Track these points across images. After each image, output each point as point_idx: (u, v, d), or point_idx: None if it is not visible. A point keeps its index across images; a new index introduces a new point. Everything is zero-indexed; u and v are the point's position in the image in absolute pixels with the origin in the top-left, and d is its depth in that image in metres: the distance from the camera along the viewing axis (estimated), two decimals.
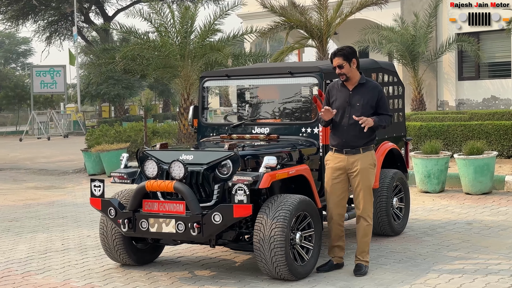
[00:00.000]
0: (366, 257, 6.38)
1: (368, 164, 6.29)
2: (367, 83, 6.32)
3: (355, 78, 6.29)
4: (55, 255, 7.54)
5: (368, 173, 6.29)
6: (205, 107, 7.77)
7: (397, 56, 22.52)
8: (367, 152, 6.31)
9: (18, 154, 22.47)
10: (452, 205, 9.78)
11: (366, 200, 6.30)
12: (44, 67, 36.17)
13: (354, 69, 6.26)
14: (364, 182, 6.27)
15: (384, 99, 6.35)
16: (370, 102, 6.25)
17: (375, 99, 6.27)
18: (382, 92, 6.34)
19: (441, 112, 20.18)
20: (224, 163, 6.22)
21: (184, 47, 15.15)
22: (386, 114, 6.34)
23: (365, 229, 6.34)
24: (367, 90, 6.28)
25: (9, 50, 69.90)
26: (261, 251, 6.01)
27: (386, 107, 6.39)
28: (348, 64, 6.20)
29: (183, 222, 6.01)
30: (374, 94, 6.27)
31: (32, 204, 11.54)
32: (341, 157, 6.30)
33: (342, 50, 6.25)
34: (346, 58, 6.20)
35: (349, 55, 6.21)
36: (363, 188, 6.27)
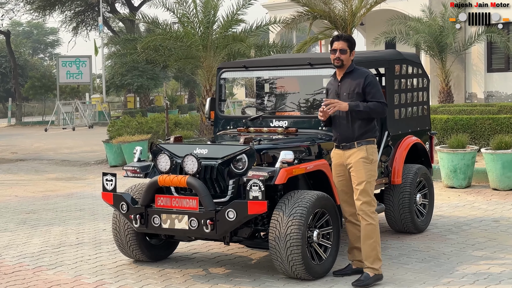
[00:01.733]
0: (375, 263, 5.80)
1: (360, 157, 5.82)
2: (354, 71, 5.92)
3: (346, 67, 5.93)
4: (69, 249, 7.39)
5: (361, 167, 5.81)
6: (222, 99, 7.55)
7: (425, 47, 22.08)
8: (362, 146, 5.84)
9: (42, 144, 22.49)
10: (478, 201, 9.47)
11: (361, 197, 5.82)
12: (70, 57, 36.26)
13: (350, 59, 5.91)
14: (358, 177, 5.82)
15: (373, 85, 5.84)
16: (357, 89, 5.83)
17: (362, 85, 5.82)
18: (370, 78, 5.86)
19: (469, 104, 19.78)
20: (239, 158, 6.01)
21: (206, 37, 14.96)
22: (375, 101, 5.82)
23: (366, 229, 5.80)
24: (354, 78, 5.88)
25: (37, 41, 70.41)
26: (276, 249, 5.79)
27: (376, 94, 5.83)
28: (349, 52, 5.87)
29: (196, 219, 5.81)
30: (360, 80, 5.84)
31: (51, 196, 11.44)
32: (340, 152, 5.98)
33: (349, 37, 5.95)
34: (350, 46, 5.88)
35: (353, 45, 5.90)
36: (358, 184, 5.82)
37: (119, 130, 15.96)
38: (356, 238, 6.08)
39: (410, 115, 7.84)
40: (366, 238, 5.82)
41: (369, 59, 7.48)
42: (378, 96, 5.86)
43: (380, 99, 5.87)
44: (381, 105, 5.84)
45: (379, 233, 5.86)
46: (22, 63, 48.67)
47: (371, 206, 5.86)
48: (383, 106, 5.88)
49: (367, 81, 5.85)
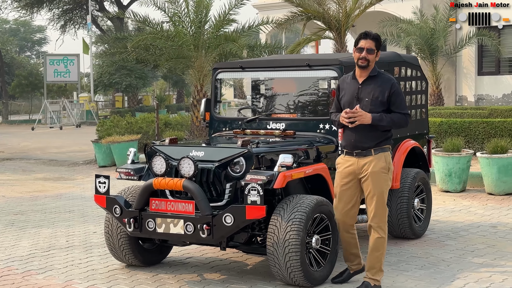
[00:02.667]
0: (377, 275, 5.59)
1: (380, 167, 5.52)
2: (379, 76, 5.54)
3: (369, 70, 5.55)
4: (59, 253, 7.20)
5: (379, 178, 5.53)
6: (217, 100, 7.38)
7: (416, 49, 22.02)
8: (379, 154, 5.53)
9: (29, 143, 22.22)
10: (474, 206, 9.36)
11: (378, 209, 5.57)
12: (58, 55, 35.96)
13: (374, 60, 5.56)
14: (376, 188, 5.52)
15: (398, 94, 5.52)
16: (381, 97, 5.47)
17: (387, 93, 5.47)
18: (396, 87, 5.53)
19: (459, 107, 19.71)
20: (236, 161, 5.84)
21: (198, 37, 14.79)
22: (399, 112, 5.51)
23: (376, 242, 5.56)
24: (378, 84, 5.50)
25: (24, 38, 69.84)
26: (274, 255, 5.63)
27: (401, 104, 5.53)
28: (376, 53, 5.52)
29: (192, 223, 5.63)
30: (385, 88, 5.48)
31: (39, 196, 11.22)
32: (352, 160, 5.62)
33: (376, 35, 5.52)
34: (378, 46, 5.50)
35: (380, 45, 5.54)
36: (375, 195, 5.55)
37: (108, 130, 15.75)
38: (350, 246, 5.86)
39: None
40: (374, 250, 5.59)
41: None
42: (402, 107, 5.53)
43: (404, 110, 5.54)
44: (405, 118, 5.54)
45: (386, 246, 5.66)
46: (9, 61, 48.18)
47: (385, 218, 5.61)
48: (407, 118, 5.57)
49: (393, 90, 5.50)
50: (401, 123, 5.58)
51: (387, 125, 5.53)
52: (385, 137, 5.64)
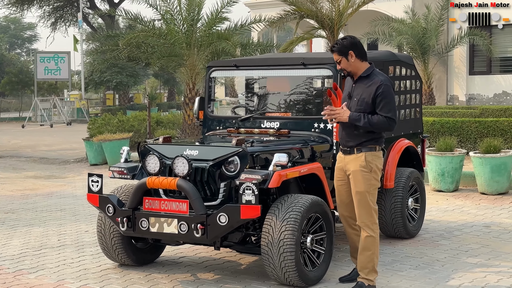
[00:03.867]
0: (370, 275, 5.54)
1: (359, 167, 5.49)
2: (370, 76, 5.50)
3: (359, 71, 5.53)
4: (50, 252, 7.13)
5: (359, 177, 5.49)
6: (211, 98, 7.33)
7: (407, 49, 22.06)
8: (362, 153, 5.50)
9: (20, 141, 22.08)
10: (467, 206, 9.35)
11: (362, 208, 5.54)
12: (48, 53, 35.74)
13: (355, 62, 5.47)
14: (356, 186, 5.51)
15: (384, 97, 5.40)
16: (367, 98, 5.44)
17: (372, 95, 5.42)
18: (382, 89, 5.41)
19: (451, 107, 19.74)
20: (231, 160, 5.79)
21: (190, 35, 14.72)
22: (382, 115, 5.41)
23: (365, 241, 5.52)
24: (367, 85, 5.47)
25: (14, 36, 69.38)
26: (269, 255, 5.59)
27: (384, 107, 5.41)
28: (345, 59, 5.47)
29: (186, 223, 5.58)
30: (372, 89, 5.43)
31: (30, 194, 11.14)
32: (341, 157, 5.69)
33: (336, 45, 5.52)
34: (342, 53, 5.47)
35: (344, 49, 5.45)
36: (357, 194, 5.54)
37: (100, 128, 15.66)
38: (356, 242, 5.82)
39: (403, 117, 7.69)
40: (364, 249, 5.57)
41: None
42: (386, 110, 5.42)
43: (388, 113, 5.41)
44: (386, 121, 5.41)
45: (378, 245, 5.61)
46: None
47: (371, 217, 5.56)
48: (389, 122, 5.43)
49: (379, 92, 5.42)
50: (381, 126, 5.46)
51: (363, 126, 5.45)
52: (370, 138, 5.56)
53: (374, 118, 5.44)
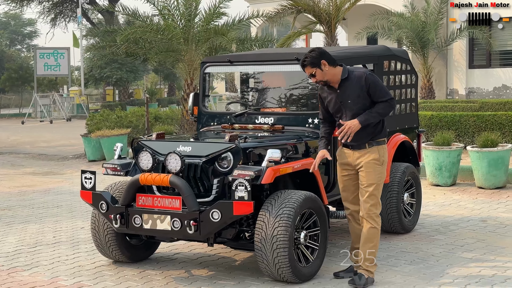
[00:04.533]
0: (372, 267, 5.67)
1: (372, 158, 5.62)
2: (350, 76, 5.57)
3: (336, 77, 5.58)
4: (45, 249, 7.12)
5: (372, 169, 5.62)
6: (206, 94, 7.30)
7: (407, 43, 21.98)
8: (374, 147, 5.65)
9: (19, 137, 22.08)
10: (464, 200, 9.33)
11: (369, 199, 5.62)
12: (48, 49, 35.70)
13: (329, 69, 5.50)
14: (369, 178, 5.62)
15: (375, 84, 5.55)
16: (361, 94, 5.54)
17: (364, 89, 5.53)
18: (370, 78, 5.54)
19: (450, 100, 19.71)
20: (224, 156, 5.78)
21: (187, 30, 14.66)
22: (382, 100, 5.56)
23: (368, 232, 5.61)
24: (353, 83, 5.55)
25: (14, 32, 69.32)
26: (262, 251, 5.57)
27: (382, 92, 5.57)
28: (319, 70, 5.50)
29: (179, 219, 5.57)
30: (360, 84, 5.53)
31: (27, 191, 11.13)
32: (348, 152, 5.73)
33: (306, 59, 5.53)
34: (314, 65, 5.49)
35: (315, 61, 5.48)
36: (368, 185, 5.62)
37: (98, 124, 15.64)
38: (357, 239, 5.85)
39: (399, 112, 7.66)
40: (367, 241, 5.63)
41: (358, 54, 7.28)
42: (383, 94, 5.57)
43: (386, 96, 5.58)
44: (389, 104, 5.58)
45: (379, 237, 5.69)
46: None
47: (377, 210, 5.67)
48: (392, 104, 5.61)
49: (368, 82, 5.54)
50: (387, 111, 5.65)
51: (376, 120, 5.62)
52: (379, 130, 5.71)
53: (379, 108, 5.57)
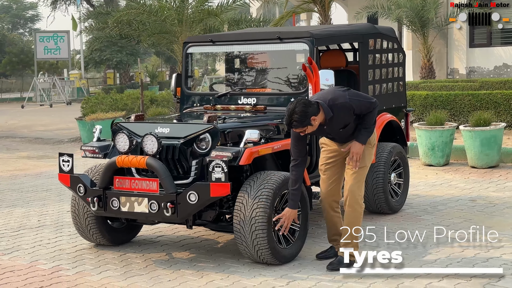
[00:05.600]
0: (354, 249, 5.56)
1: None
2: (334, 112, 5.27)
3: (322, 120, 5.30)
4: (28, 232, 7.08)
5: (364, 151, 5.54)
6: (188, 75, 7.20)
7: (407, 22, 21.79)
8: None
9: (17, 121, 22.03)
10: (456, 180, 9.24)
11: (357, 181, 5.52)
12: (48, 32, 35.54)
13: (317, 120, 5.22)
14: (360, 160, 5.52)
15: (359, 102, 5.35)
16: (350, 120, 5.38)
17: (352, 114, 5.35)
18: (352, 102, 5.31)
19: (450, 80, 19.54)
20: (202, 137, 5.71)
21: (181, 11, 14.57)
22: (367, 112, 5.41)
23: (352, 215, 5.51)
24: (340, 117, 5.32)
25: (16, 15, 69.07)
26: (241, 233, 5.52)
27: (365, 106, 5.39)
28: (309, 126, 5.21)
29: (156, 202, 5.51)
30: (348, 113, 5.33)
31: (19, 175, 11.09)
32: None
33: (294, 122, 5.15)
34: (305, 124, 5.17)
35: (304, 120, 5.15)
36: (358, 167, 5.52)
37: (93, 107, 15.57)
38: (337, 225, 5.75)
39: (385, 91, 7.57)
40: (350, 224, 5.54)
41: (343, 33, 7.18)
42: (368, 105, 5.41)
43: (370, 106, 5.42)
44: (375, 109, 5.46)
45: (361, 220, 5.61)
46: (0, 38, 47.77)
47: (362, 192, 5.59)
48: (377, 106, 5.47)
49: (353, 106, 5.32)
50: (375, 116, 5.54)
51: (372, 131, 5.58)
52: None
53: (369, 119, 5.49)
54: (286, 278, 5.38)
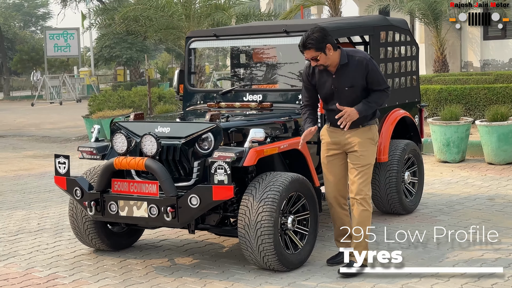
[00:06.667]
0: (364, 252, 5.28)
1: (367, 137, 5.26)
2: (350, 61, 5.14)
3: (335, 61, 5.13)
4: (26, 237, 6.80)
5: (367, 148, 5.26)
6: (192, 71, 6.90)
7: (419, 15, 21.38)
8: (367, 126, 5.30)
9: (26, 119, 21.86)
10: (473, 177, 8.89)
11: (363, 180, 5.24)
12: (58, 29, 35.43)
13: (332, 53, 5.06)
14: (364, 158, 5.25)
15: (374, 71, 5.17)
16: (361, 81, 5.16)
17: (363, 76, 5.14)
18: (370, 65, 5.15)
19: (464, 73, 19.14)
20: (204, 137, 5.39)
21: (188, 6, 14.26)
22: (378, 89, 5.20)
23: (361, 215, 5.25)
24: (352, 70, 5.14)
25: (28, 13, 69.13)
26: (246, 238, 5.20)
27: (379, 80, 5.20)
28: (323, 54, 5.03)
29: (156, 205, 5.20)
30: (360, 71, 5.13)
31: (23, 175, 10.84)
32: (338, 131, 5.30)
33: (311, 40, 5.00)
34: (319, 49, 5.00)
35: (320, 44, 4.99)
36: (362, 166, 5.24)
37: (100, 105, 15.31)
38: (345, 224, 5.46)
39: (398, 86, 7.23)
40: (360, 224, 5.25)
41: (352, 25, 6.84)
42: (381, 82, 5.22)
43: (383, 85, 5.23)
44: (386, 94, 5.25)
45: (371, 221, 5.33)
46: (11, 36, 47.72)
47: (369, 190, 5.31)
48: (388, 93, 5.27)
49: (368, 69, 5.13)
50: (384, 100, 5.35)
51: (372, 110, 5.29)
52: (372, 114, 5.36)
53: (375, 97, 5.23)
54: (294, 286, 5.07)
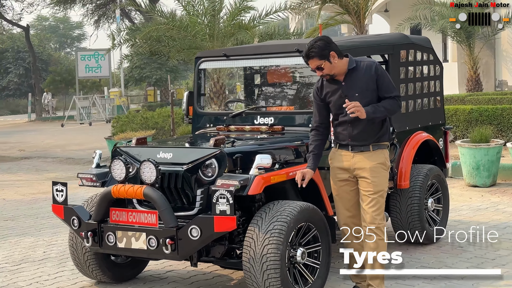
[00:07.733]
0: (381, 285, 4.97)
1: (377, 162, 4.92)
2: (358, 66, 4.93)
3: (343, 69, 4.89)
4: (29, 266, 6.52)
5: (379, 173, 4.92)
6: (201, 93, 6.59)
7: (451, 33, 20.92)
8: (378, 150, 4.95)
9: (53, 140, 21.80)
10: (504, 203, 8.41)
11: (376, 208, 4.89)
12: (89, 51, 35.60)
13: (337, 61, 4.84)
14: (376, 185, 4.90)
15: (384, 75, 4.94)
16: (370, 86, 4.90)
17: (374, 80, 4.90)
18: (379, 69, 4.94)
19: (499, 93, 18.62)
20: (208, 163, 5.06)
21: (212, 26, 14.00)
22: (389, 96, 4.92)
23: (377, 245, 4.91)
24: (361, 74, 4.90)
25: (63, 35, 70.03)
26: (251, 273, 4.84)
27: (389, 86, 4.94)
28: (327, 62, 4.81)
29: (155, 237, 4.88)
30: (370, 75, 4.90)
31: (39, 199, 10.63)
32: (347, 154, 4.98)
33: (313, 49, 4.81)
34: (323, 57, 4.80)
35: (323, 52, 4.79)
36: (375, 193, 4.89)
37: (123, 126, 15.12)
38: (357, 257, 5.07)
39: (420, 108, 6.82)
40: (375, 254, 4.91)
41: (371, 43, 6.47)
42: (391, 89, 4.95)
43: (394, 91, 4.96)
44: (397, 103, 4.97)
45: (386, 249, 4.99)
46: (46, 58, 48.21)
47: (383, 220, 4.98)
48: (399, 102, 5.00)
49: (378, 73, 4.89)
50: (395, 108, 5.00)
51: (381, 116, 4.92)
52: (384, 132, 5.01)
53: (386, 104, 4.91)
54: None
